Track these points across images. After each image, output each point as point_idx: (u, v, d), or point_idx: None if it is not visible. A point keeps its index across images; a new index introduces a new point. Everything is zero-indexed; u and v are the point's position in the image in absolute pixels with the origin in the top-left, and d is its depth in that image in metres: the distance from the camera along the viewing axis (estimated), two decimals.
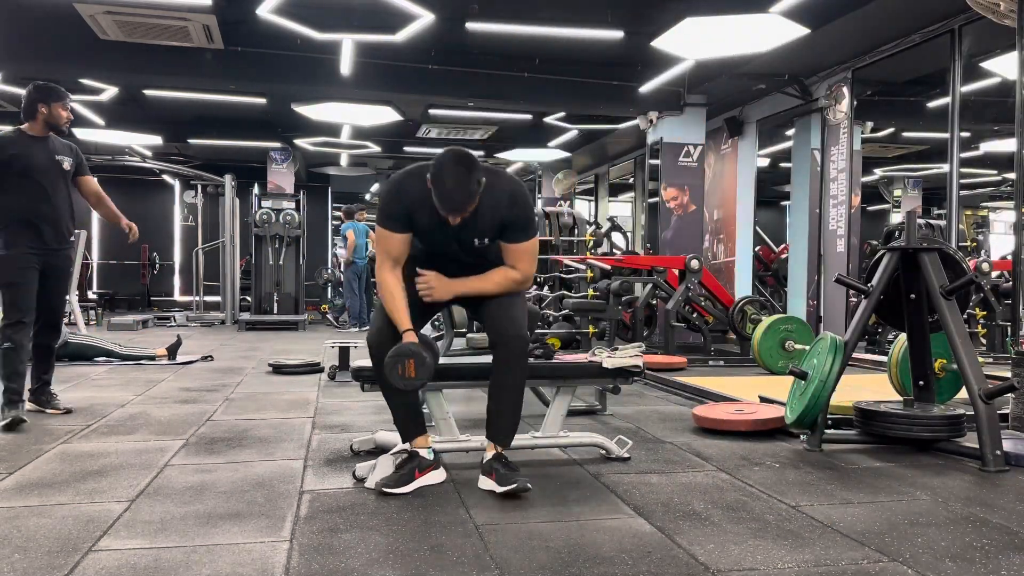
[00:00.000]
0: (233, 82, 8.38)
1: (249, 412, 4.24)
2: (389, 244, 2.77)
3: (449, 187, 2.57)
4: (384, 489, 2.62)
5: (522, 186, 2.87)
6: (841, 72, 7.70)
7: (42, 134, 3.98)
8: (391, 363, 2.59)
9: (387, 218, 2.77)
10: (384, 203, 2.79)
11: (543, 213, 9.66)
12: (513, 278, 2.81)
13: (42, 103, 3.94)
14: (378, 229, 2.80)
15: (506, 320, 2.76)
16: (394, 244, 2.77)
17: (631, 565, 2.02)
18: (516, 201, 2.75)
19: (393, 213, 2.75)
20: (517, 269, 2.81)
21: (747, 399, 4.41)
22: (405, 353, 2.59)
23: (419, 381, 2.61)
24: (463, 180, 2.56)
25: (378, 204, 2.85)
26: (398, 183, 2.78)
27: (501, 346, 2.75)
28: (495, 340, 2.76)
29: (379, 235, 2.80)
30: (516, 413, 2.80)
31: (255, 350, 7.74)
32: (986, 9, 4.27)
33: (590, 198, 15.36)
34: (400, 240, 2.76)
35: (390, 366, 2.59)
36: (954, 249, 3.57)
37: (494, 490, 2.64)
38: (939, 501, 2.64)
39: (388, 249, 2.77)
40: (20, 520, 2.34)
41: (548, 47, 7.94)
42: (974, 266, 6.86)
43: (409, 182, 2.74)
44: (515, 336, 2.73)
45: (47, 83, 4.05)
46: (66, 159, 4.03)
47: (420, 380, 2.60)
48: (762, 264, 10.13)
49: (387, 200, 2.79)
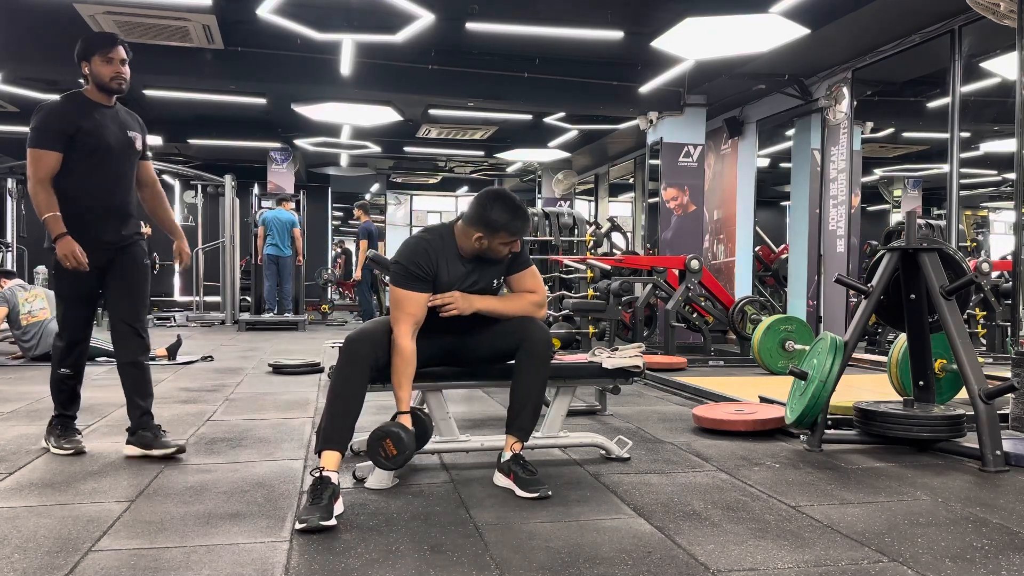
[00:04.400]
0: (233, 82, 8.39)
1: (249, 412, 4.24)
2: (414, 306, 2.75)
3: (514, 210, 2.77)
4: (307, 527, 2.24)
5: None
6: (841, 72, 7.71)
7: (106, 101, 3.16)
8: (374, 444, 2.59)
9: (414, 279, 2.76)
10: (409, 264, 2.77)
11: (543, 213, 9.67)
12: (534, 301, 2.95)
13: (84, 60, 3.12)
14: (400, 292, 2.76)
15: (530, 323, 2.87)
16: (419, 305, 2.76)
17: (631, 565, 2.02)
18: None
19: (421, 272, 2.76)
20: (536, 292, 2.97)
21: (747, 399, 4.41)
22: (384, 434, 2.59)
23: (400, 460, 2.59)
24: (519, 204, 2.81)
25: (396, 270, 2.79)
26: (423, 241, 2.83)
27: (527, 344, 2.81)
28: (520, 340, 2.82)
29: (402, 297, 2.75)
30: (537, 410, 2.86)
31: (255, 350, 7.74)
32: (986, 9, 4.27)
33: (590, 198, 15.36)
34: (425, 300, 2.78)
35: (373, 448, 2.59)
36: (954, 249, 3.56)
37: (513, 491, 2.66)
38: (939, 501, 2.63)
39: (412, 312, 2.75)
40: (20, 520, 2.34)
41: (548, 47, 7.94)
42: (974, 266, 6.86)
43: (432, 238, 2.84)
44: (541, 337, 2.83)
45: (90, 34, 3.23)
46: (138, 136, 3.23)
47: (401, 459, 2.59)
48: (762, 264, 10.13)
49: (413, 260, 2.78)
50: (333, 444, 2.57)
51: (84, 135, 3.03)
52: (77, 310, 3.20)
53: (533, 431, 2.90)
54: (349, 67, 7.72)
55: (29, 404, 4.38)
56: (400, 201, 19.24)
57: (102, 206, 3.11)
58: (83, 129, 3.03)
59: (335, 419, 2.61)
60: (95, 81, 3.11)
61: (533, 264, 3.03)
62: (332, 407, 2.64)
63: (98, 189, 3.10)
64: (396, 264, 2.81)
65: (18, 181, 11.81)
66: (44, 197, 3.00)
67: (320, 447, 2.57)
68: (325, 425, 2.61)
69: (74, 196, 3.05)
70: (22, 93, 9.26)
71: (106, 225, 3.12)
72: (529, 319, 2.89)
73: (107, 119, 3.12)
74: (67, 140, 3.02)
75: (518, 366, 2.83)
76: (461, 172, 16.28)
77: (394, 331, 2.73)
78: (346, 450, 2.64)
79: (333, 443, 2.57)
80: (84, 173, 3.06)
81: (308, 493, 2.42)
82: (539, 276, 3.04)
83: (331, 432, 2.59)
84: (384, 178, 17.81)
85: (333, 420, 2.61)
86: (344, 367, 2.66)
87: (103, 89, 3.12)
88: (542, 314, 2.97)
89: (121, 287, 3.19)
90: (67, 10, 6.56)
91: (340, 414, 2.62)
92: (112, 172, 3.13)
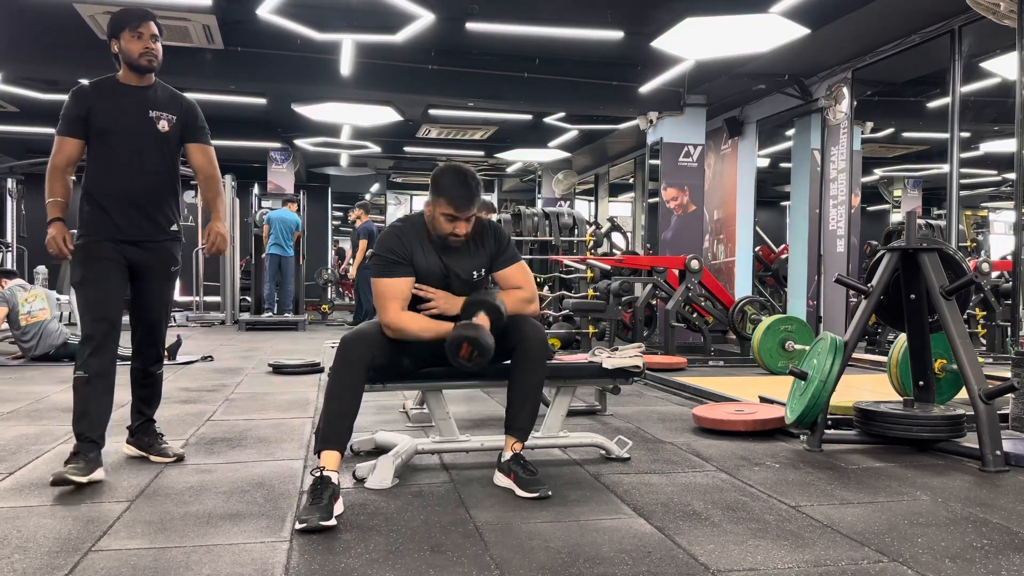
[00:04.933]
0: (233, 82, 8.39)
1: (249, 412, 4.24)
2: (397, 291, 2.78)
3: (458, 179, 2.76)
4: (307, 527, 2.24)
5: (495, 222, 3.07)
6: (841, 72, 7.71)
7: (139, 82, 2.94)
8: (454, 343, 2.62)
9: (393, 264, 2.80)
10: (385, 252, 2.81)
11: (543, 213, 9.67)
12: (521, 296, 2.93)
13: (113, 39, 2.91)
14: (383, 282, 2.78)
15: (525, 323, 2.86)
16: (402, 289, 2.78)
17: (631, 565, 2.02)
18: (497, 232, 2.97)
19: (396, 257, 2.79)
20: (523, 288, 2.94)
21: (747, 399, 4.41)
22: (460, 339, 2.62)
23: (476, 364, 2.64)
24: (471, 179, 2.79)
25: (375, 263, 2.85)
26: (395, 228, 2.90)
27: (523, 344, 2.80)
28: (516, 340, 2.81)
29: (385, 287, 2.78)
30: (536, 409, 2.86)
31: (255, 350, 7.74)
32: (986, 9, 4.27)
33: (590, 198, 15.37)
34: (408, 284, 2.80)
35: (453, 346, 2.62)
36: (954, 249, 3.57)
37: (513, 491, 2.66)
38: (939, 501, 2.63)
39: (396, 296, 2.78)
40: (20, 520, 2.34)
41: (548, 47, 7.95)
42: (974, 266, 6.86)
43: (406, 228, 2.89)
44: (536, 336, 2.83)
45: (120, 10, 2.97)
46: (164, 117, 2.94)
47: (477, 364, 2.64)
48: (762, 264, 10.14)
49: (387, 247, 2.81)
50: (332, 444, 2.57)
51: (96, 118, 2.86)
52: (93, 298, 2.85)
53: (533, 431, 2.90)
54: (349, 67, 7.72)
55: (29, 404, 4.38)
56: (400, 201, 19.25)
57: (118, 195, 2.87)
58: (95, 111, 2.86)
59: (333, 419, 2.61)
60: (124, 59, 2.90)
61: (521, 259, 3.02)
62: (330, 407, 2.64)
63: (113, 176, 2.87)
64: (375, 256, 2.86)
65: (18, 181, 11.81)
66: (49, 184, 2.87)
67: (319, 447, 2.57)
68: (324, 425, 2.61)
69: (93, 184, 2.88)
70: (22, 93, 9.27)
71: (125, 217, 2.88)
72: (523, 318, 2.86)
73: (127, 100, 2.90)
74: (83, 125, 2.86)
75: (515, 366, 2.83)
76: None
77: (386, 317, 2.73)
78: (345, 450, 2.64)
79: (332, 443, 2.57)
80: (100, 160, 2.88)
81: (308, 493, 2.42)
82: (528, 272, 3.02)
83: (330, 432, 2.59)
84: (384, 178, 17.82)
85: (331, 420, 2.61)
86: (341, 368, 2.66)
87: (133, 67, 2.90)
88: (532, 309, 2.95)
89: (145, 295, 2.99)
90: (67, 10, 6.56)
91: (338, 414, 2.62)
92: (128, 157, 2.88)
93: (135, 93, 2.93)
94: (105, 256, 2.85)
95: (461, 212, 2.76)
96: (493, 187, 17.84)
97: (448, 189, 2.75)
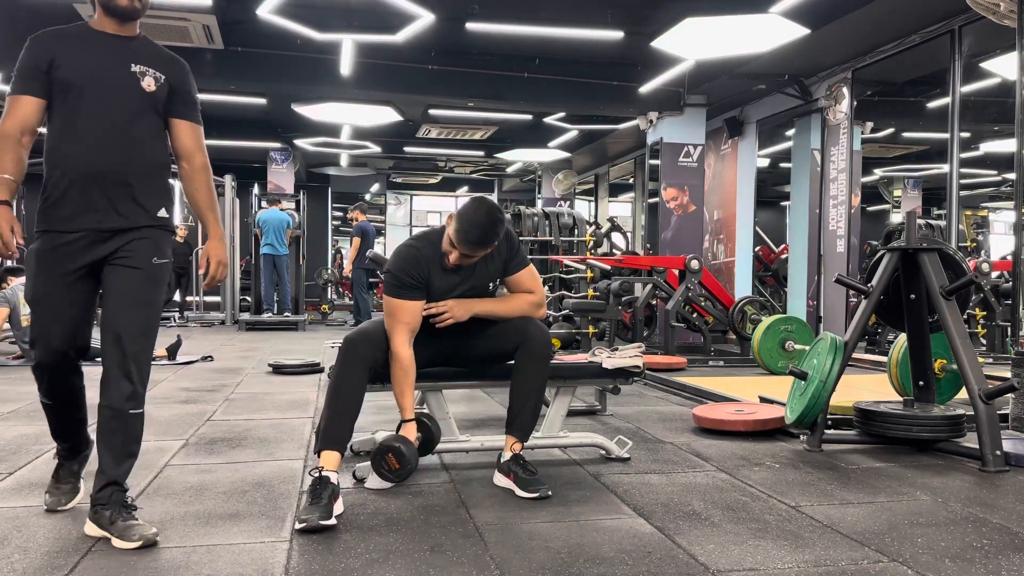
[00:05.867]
0: (233, 82, 8.39)
1: (249, 412, 4.24)
2: (407, 314, 2.74)
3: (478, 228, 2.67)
4: (307, 527, 2.23)
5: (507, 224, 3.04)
6: (841, 72, 7.71)
7: (118, 30, 2.24)
8: (377, 459, 2.61)
9: (406, 288, 2.75)
10: (400, 273, 2.75)
11: (543, 213, 9.67)
12: (531, 300, 2.92)
13: None
14: (393, 301, 2.75)
15: (529, 323, 2.87)
16: (412, 313, 2.75)
17: (631, 565, 2.02)
18: (509, 237, 2.90)
19: (412, 280, 2.75)
20: (534, 292, 2.94)
21: (747, 399, 4.41)
22: (386, 449, 2.61)
23: (404, 473, 2.61)
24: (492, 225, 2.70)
25: (387, 280, 2.78)
26: (413, 248, 2.81)
27: (527, 344, 2.81)
28: (520, 341, 2.82)
29: (395, 307, 2.74)
30: (537, 410, 2.86)
31: (255, 350, 7.74)
32: (986, 9, 4.27)
33: (590, 198, 15.36)
34: (419, 308, 2.77)
35: (376, 463, 2.61)
36: (954, 249, 3.57)
37: (513, 491, 2.66)
38: (939, 501, 2.64)
39: (407, 320, 2.73)
40: (20, 520, 2.34)
41: (548, 47, 7.95)
42: (974, 266, 6.86)
43: (422, 246, 2.81)
44: (540, 337, 2.83)
45: None
46: (150, 73, 2.24)
47: (404, 472, 2.61)
48: (762, 264, 10.13)
49: (404, 269, 2.76)
50: (332, 444, 2.57)
51: (58, 68, 2.17)
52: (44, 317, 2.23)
53: (533, 431, 2.90)
54: (349, 67, 7.72)
55: (29, 404, 4.37)
56: (400, 201, 19.25)
57: (81, 168, 2.17)
58: (60, 62, 2.17)
59: (334, 419, 2.61)
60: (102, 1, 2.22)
61: (531, 264, 3.00)
62: (331, 407, 2.63)
63: (85, 145, 2.18)
64: (387, 274, 2.80)
65: None
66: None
67: (320, 447, 2.57)
68: (324, 425, 2.61)
69: (56, 156, 2.19)
70: None
71: (89, 198, 2.17)
72: (528, 319, 2.88)
73: (103, 50, 2.22)
74: (44, 80, 2.18)
75: (517, 366, 2.83)
76: (461, 172, 16.28)
77: (391, 341, 2.72)
78: (345, 450, 2.64)
79: (332, 443, 2.57)
80: (67, 124, 2.19)
81: (308, 493, 2.41)
82: (537, 276, 3.03)
83: (330, 432, 2.59)
84: (384, 178, 17.82)
85: (332, 420, 2.61)
86: (343, 367, 2.66)
87: (111, 10, 2.21)
88: (541, 314, 2.96)
89: (114, 300, 2.20)
90: (67, 10, 6.56)
91: (339, 414, 2.62)
92: (97, 120, 2.19)
93: (112, 42, 2.24)
94: (65, 270, 2.18)
95: (477, 254, 2.76)
96: (493, 187, 17.85)
97: (468, 234, 2.68)
